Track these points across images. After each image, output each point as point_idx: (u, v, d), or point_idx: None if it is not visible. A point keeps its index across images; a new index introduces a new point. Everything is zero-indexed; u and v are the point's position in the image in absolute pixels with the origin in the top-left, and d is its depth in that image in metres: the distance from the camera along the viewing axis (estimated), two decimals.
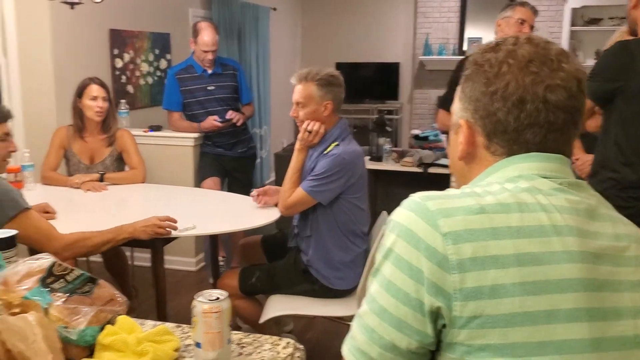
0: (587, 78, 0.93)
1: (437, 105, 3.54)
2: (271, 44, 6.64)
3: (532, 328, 0.79)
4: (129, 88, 4.47)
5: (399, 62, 7.66)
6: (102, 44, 4.19)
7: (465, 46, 7.31)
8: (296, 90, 2.46)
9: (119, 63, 4.35)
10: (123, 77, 4.40)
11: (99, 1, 2.85)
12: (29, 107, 3.75)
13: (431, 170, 3.93)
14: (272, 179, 6.41)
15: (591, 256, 0.83)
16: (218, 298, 1.11)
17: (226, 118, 3.78)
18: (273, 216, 2.60)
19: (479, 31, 7.19)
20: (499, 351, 0.79)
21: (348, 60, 7.67)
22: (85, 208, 2.93)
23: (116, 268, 3.33)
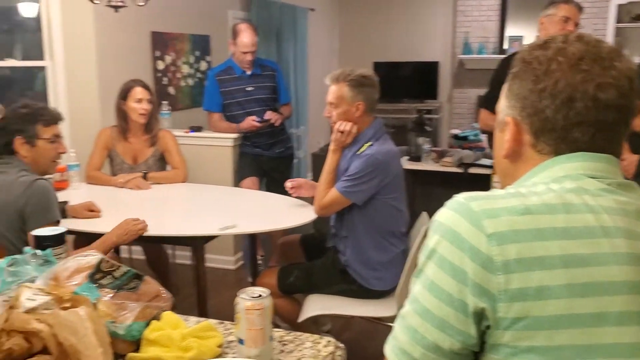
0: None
1: (479, 104, 3.49)
2: (309, 45, 6.67)
3: (579, 331, 0.78)
4: (170, 89, 4.56)
5: (438, 61, 7.59)
6: (145, 47, 4.28)
7: (506, 45, 7.19)
8: (329, 90, 2.48)
9: (161, 65, 4.43)
10: (164, 79, 4.48)
11: (142, 4, 2.91)
12: (74, 109, 3.85)
13: (471, 170, 3.88)
14: (310, 179, 6.43)
15: None
16: (260, 295, 1.13)
17: (264, 118, 3.81)
18: (310, 216, 2.62)
19: (520, 29, 7.07)
20: (545, 353, 0.78)
21: (386, 59, 7.63)
22: (128, 206, 3.00)
23: (158, 266, 3.40)
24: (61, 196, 2.87)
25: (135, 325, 1.13)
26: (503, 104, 0.96)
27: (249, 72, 3.88)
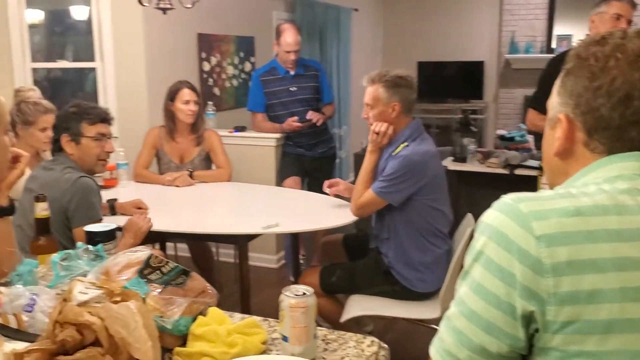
0: None
1: (527, 104, 3.42)
2: (352, 45, 6.67)
3: (633, 336, 0.76)
4: (216, 90, 4.63)
5: (484, 61, 7.48)
6: (191, 48, 4.36)
7: (554, 44, 7.04)
8: (366, 92, 2.48)
9: (206, 66, 4.50)
10: (210, 80, 4.55)
11: (190, 6, 2.97)
12: (123, 109, 3.96)
13: (517, 171, 3.81)
14: (352, 179, 6.43)
15: None
16: (304, 294, 1.14)
17: (306, 118, 3.83)
18: (352, 216, 2.62)
19: (569, 28, 6.90)
20: (596, 358, 0.76)
21: (430, 59, 7.57)
22: (174, 204, 3.06)
23: (203, 263, 3.46)
24: (110, 194, 2.96)
25: (182, 320, 1.15)
26: (555, 101, 0.94)
27: (293, 72, 3.91)
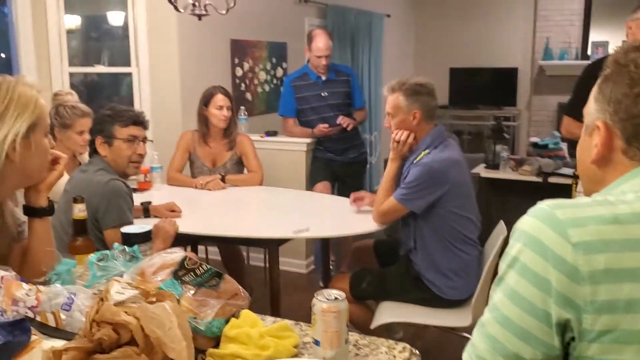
0: None
1: (563, 111, 3.37)
2: (384, 50, 6.66)
3: None
4: (248, 95, 4.67)
5: (517, 67, 7.39)
6: (224, 54, 4.41)
7: (589, 50, 6.92)
8: (387, 101, 2.50)
9: (239, 72, 4.55)
10: (242, 85, 4.60)
11: (225, 13, 3.01)
12: (157, 113, 4.02)
13: (551, 179, 3.76)
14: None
15: None
16: (337, 298, 1.14)
17: (336, 123, 3.85)
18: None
19: (605, 35, 6.78)
20: None
21: (463, 65, 7.51)
22: (206, 207, 3.10)
23: (234, 266, 3.48)
24: (144, 197, 3.01)
25: (215, 322, 1.16)
26: (592, 108, 0.93)
27: (324, 78, 3.92)
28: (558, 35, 7.10)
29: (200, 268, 1.24)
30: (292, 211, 3.03)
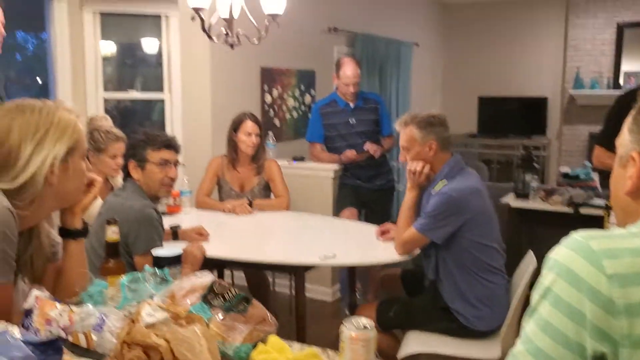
0: None
1: (594, 141, 3.32)
2: (412, 79, 6.69)
3: None
4: (276, 121, 4.73)
5: (547, 97, 7.34)
6: (254, 81, 4.48)
7: (621, 80, 6.84)
8: (400, 135, 2.53)
9: (268, 98, 4.62)
10: (271, 112, 4.66)
11: (257, 42, 3.06)
12: (188, 138, 4.09)
13: (582, 210, 3.69)
14: None
15: None
16: (366, 327, 1.13)
17: (364, 149, 3.86)
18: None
19: (637, 64, 6.71)
20: None
21: (492, 94, 7.49)
22: (233, 232, 3.12)
23: (259, 291, 3.48)
24: (173, 220, 3.04)
25: (243, 347, 1.17)
26: (626, 138, 0.92)
27: (352, 105, 3.95)
28: (589, 64, 7.04)
29: (228, 292, 1.25)
30: (319, 237, 3.03)
